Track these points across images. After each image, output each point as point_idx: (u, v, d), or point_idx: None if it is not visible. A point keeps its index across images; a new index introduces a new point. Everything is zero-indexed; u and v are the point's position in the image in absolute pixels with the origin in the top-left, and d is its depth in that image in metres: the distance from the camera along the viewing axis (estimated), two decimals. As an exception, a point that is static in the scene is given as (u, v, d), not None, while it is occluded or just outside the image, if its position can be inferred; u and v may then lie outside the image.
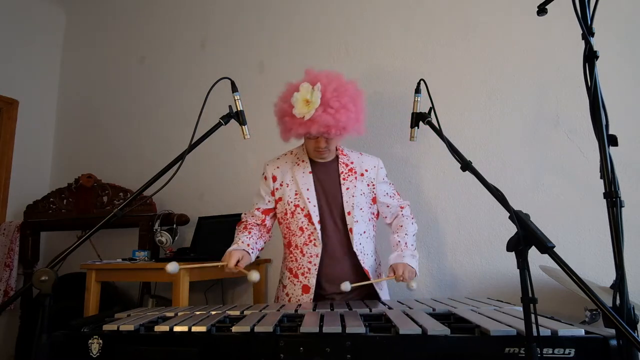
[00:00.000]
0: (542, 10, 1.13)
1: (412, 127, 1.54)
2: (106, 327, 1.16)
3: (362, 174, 1.73)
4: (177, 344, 1.08)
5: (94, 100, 3.55)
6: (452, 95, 2.20)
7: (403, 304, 1.42)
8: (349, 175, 1.72)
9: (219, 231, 2.63)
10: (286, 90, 1.63)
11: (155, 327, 1.14)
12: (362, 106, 1.61)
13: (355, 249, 1.66)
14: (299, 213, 1.69)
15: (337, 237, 1.68)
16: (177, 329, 1.10)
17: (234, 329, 1.07)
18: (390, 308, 1.33)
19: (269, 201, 1.77)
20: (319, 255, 1.66)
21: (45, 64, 3.70)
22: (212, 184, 2.88)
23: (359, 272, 1.67)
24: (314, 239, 1.66)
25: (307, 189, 1.69)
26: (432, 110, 1.45)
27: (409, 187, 2.26)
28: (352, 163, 1.75)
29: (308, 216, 1.67)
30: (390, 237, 1.76)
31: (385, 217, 1.81)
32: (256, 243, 1.71)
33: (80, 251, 1.66)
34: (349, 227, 1.67)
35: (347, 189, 1.69)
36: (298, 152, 1.79)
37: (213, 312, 1.33)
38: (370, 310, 1.29)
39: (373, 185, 1.74)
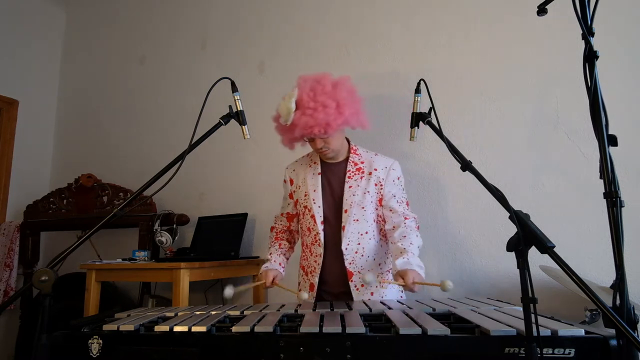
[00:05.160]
0: (542, 10, 1.13)
1: (412, 127, 1.54)
2: (106, 327, 1.16)
3: (370, 173, 1.70)
4: (177, 344, 1.08)
5: (94, 100, 3.55)
6: (452, 95, 2.20)
7: (403, 304, 1.41)
8: (355, 174, 1.71)
9: (219, 231, 2.63)
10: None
11: (155, 327, 1.14)
12: (348, 100, 1.58)
13: (343, 248, 1.66)
14: (307, 214, 1.73)
15: (337, 237, 1.69)
16: (177, 329, 1.10)
17: (234, 329, 1.07)
18: (390, 308, 1.33)
19: (289, 204, 1.84)
20: (322, 255, 1.69)
21: (45, 64, 3.70)
22: (212, 184, 2.88)
23: (344, 273, 1.67)
24: (318, 240, 1.69)
25: (314, 190, 1.72)
26: (432, 110, 1.45)
27: (409, 187, 2.25)
28: (362, 162, 1.73)
29: (313, 217, 1.70)
30: (392, 246, 1.64)
31: (386, 223, 1.71)
32: (285, 255, 1.81)
33: (80, 251, 1.66)
34: (342, 225, 1.67)
35: (350, 187, 1.69)
36: (312, 154, 1.81)
37: (213, 312, 1.33)
38: (370, 310, 1.29)
39: (381, 185, 1.69)
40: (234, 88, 1.47)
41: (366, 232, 1.69)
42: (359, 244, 1.68)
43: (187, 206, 2.88)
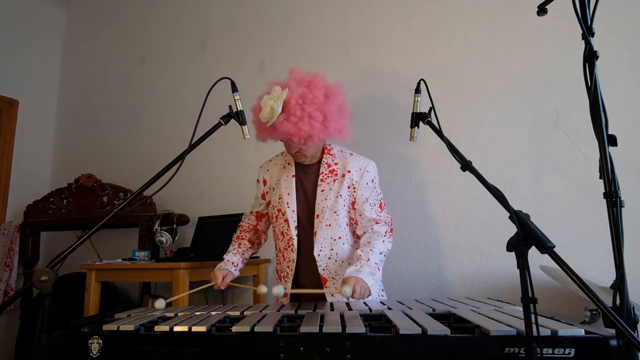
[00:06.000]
0: (542, 10, 1.13)
1: (412, 127, 1.53)
2: (106, 327, 1.16)
3: (343, 175, 1.63)
4: (177, 344, 1.08)
5: (94, 100, 3.55)
6: (452, 95, 2.20)
7: (403, 304, 1.41)
8: (328, 176, 1.64)
9: (219, 231, 2.63)
10: (266, 89, 1.57)
11: (155, 327, 1.14)
12: (336, 116, 1.52)
13: (315, 254, 1.61)
14: (280, 217, 1.67)
15: (311, 242, 1.63)
16: (177, 329, 1.10)
17: (234, 329, 1.07)
18: (390, 308, 1.33)
19: (260, 204, 1.80)
20: (295, 261, 1.64)
21: (45, 64, 3.70)
22: (212, 184, 2.88)
23: (317, 279, 1.62)
24: (291, 245, 1.64)
25: (288, 193, 1.66)
26: (432, 110, 1.45)
27: (408, 187, 2.26)
28: (336, 164, 1.66)
29: (287, 221, 1.64)
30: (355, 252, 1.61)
31: (357, 227, 1.67)
32: (243, 254, 1.75)
33: (80, 251, 1.66)
34: (314, 230, 1.62)
35: (322, 190, 1.63)
36: (287, 154, 1.72)
37: (213, 312, 1.33)
38: (370, 310, 1.29)
39: (354, 188, 1.63)
40: (234, 88, 1.47)
41: (339, 237, 1.63)
42: (332, 249, 1.63)
43: (187, 206, 2.88)
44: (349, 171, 1.64)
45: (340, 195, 1.62)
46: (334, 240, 1.63)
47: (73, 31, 3.83)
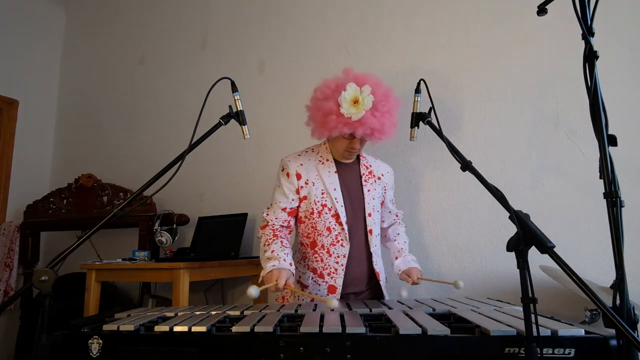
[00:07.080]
0: (542, 10, 1.13)
1: (412, 127, 1.54)
2: (106, 327, 1.16)
3: (379, 178, 1.78)
4: (177, 344, 1.08)
5: (94, 100, 3.56)
6: (452, 95, 2.20)
7: (403, 304, 1.42)
8: (369, 177, 1.75)
9: (219, 231, 2.63)
10: (326, 87, 1.58)
11: (155, 327, 1.14)
12: (397, 113, 1.64)
13: (371, 250, 1.70)
14: (326, 213, 1.66)
15: (360, 238, 1.69)
16: (177, 329, 1.10)
17: (234, 329, 1.07)
18: (390, 308, 1.33)
19: (292, 199, 1.69)
20: (346, 256, 1.65)
21: (45, 64, 3.70)
22: (212, 184, 2.88)
23: (371, 273, 1.71)
24: (342, 240, 1.65)
25: (334, 189, 1.67)
26: (432, 110, 1.45)
27: (408, 187, 2.26)
28: (370, 166, 1.78)
29: (336, 216, 1.65)
30: (390, 244, 1.88)
31: (383, 222, 1.88)
32: (289, 255, 1.58)
33: (80, 251, 1.66)
34: (368, 228, 1.70)
35: (369, 191, 1.72)
36: (320, 150, 1.74)
37: (213, 312, 1.33)
38: (370, 310, 1.29)
39: (385, 190, 1.81)
40: (234, 88, 1.47)
41: (378, 234, 1.77)
42: (375, 245, 1.73)
43: (187, 206, 2.87)
44: (382, 174, 1.80)
45: (379, 196, 1.78)
46: (376, 236, 1.75)
47: (73, 31, 3.83)
